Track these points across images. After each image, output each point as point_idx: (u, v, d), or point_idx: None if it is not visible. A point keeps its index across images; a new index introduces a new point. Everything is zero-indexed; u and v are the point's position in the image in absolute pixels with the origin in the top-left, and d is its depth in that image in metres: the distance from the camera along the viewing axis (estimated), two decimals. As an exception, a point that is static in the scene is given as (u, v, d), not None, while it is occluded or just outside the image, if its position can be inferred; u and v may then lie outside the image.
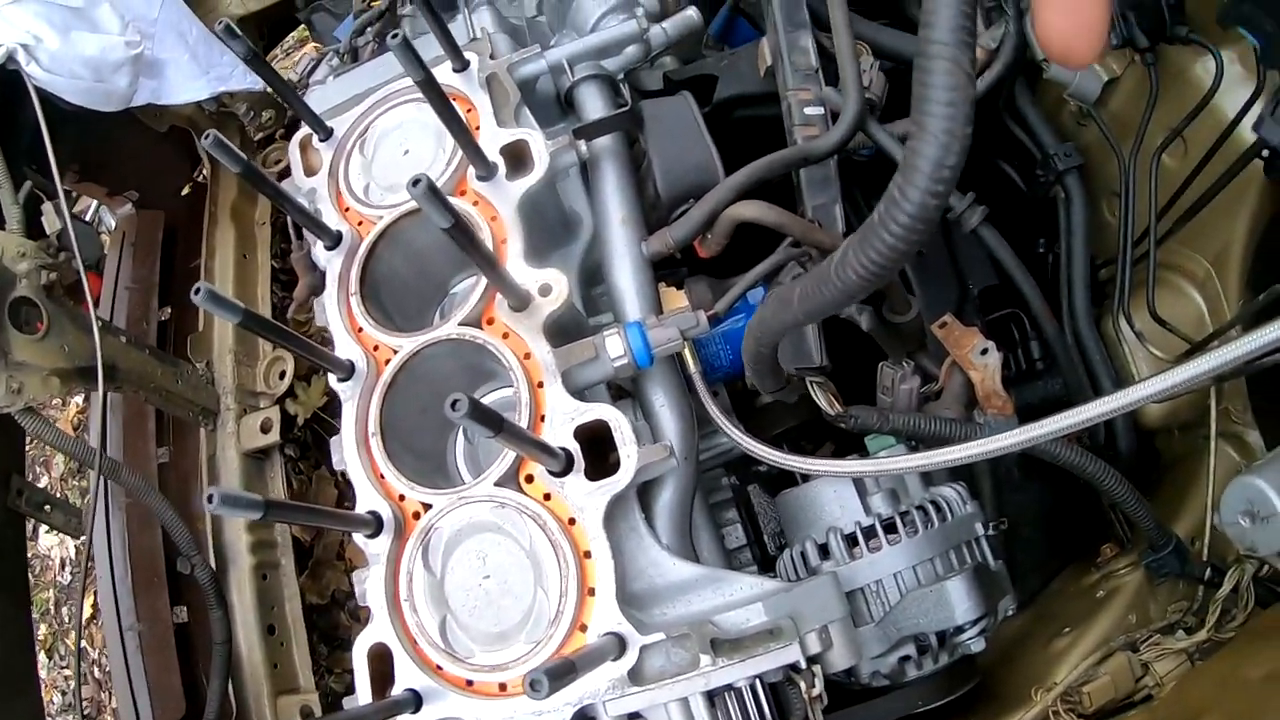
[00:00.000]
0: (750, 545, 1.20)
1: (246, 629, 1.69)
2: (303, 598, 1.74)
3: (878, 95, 1.15)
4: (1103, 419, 0.74)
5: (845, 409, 1.00)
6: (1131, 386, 0.72)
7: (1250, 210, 1.21)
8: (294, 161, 1.26)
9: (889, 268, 0.55)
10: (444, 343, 1.03)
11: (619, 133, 1.10)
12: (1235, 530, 0.87)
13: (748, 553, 1.20)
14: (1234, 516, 0.86)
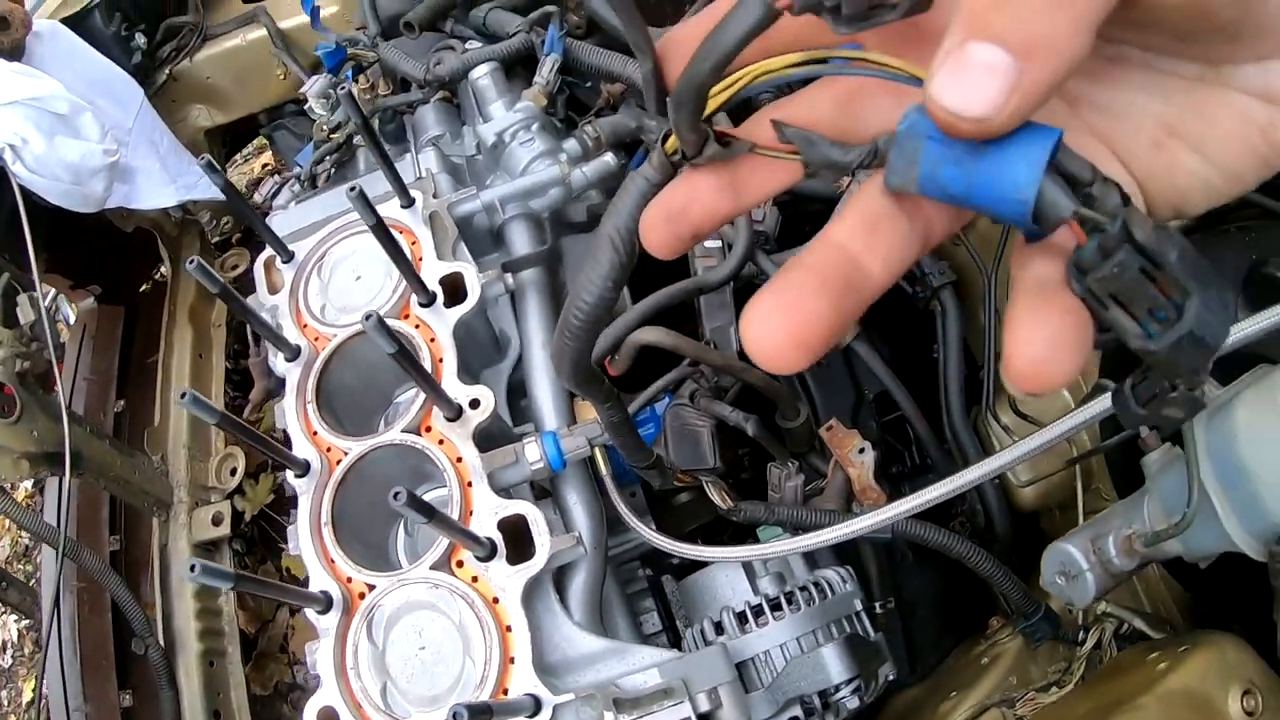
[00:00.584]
0: (665, 630, 1.42)
1: (193, 713, 1.87)
2: (247, 687, 1.94)
3: (770, 228, 1.43)
4: (936, 500, 0.99)
5: (736, 504, 1.26)
6: (965, 470, 0.98)
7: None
8: (259, 280, 1.51)
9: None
10: (388, 447, 1.28)
11: (541, 266, 1.37)
12: (1054, 589, 1.11)
13: (663, 637, 1.41)
14: (1051, 577, 1.10)
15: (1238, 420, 0.87)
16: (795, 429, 1.36)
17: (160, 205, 2.06)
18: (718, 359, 1.25)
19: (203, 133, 2.28)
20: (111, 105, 2.01)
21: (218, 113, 2.27)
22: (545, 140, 1.47)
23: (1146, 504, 1.02)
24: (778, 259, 1.42)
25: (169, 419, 2.10)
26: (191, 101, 2.26)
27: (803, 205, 1.58)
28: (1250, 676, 1.01)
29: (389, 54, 1.68)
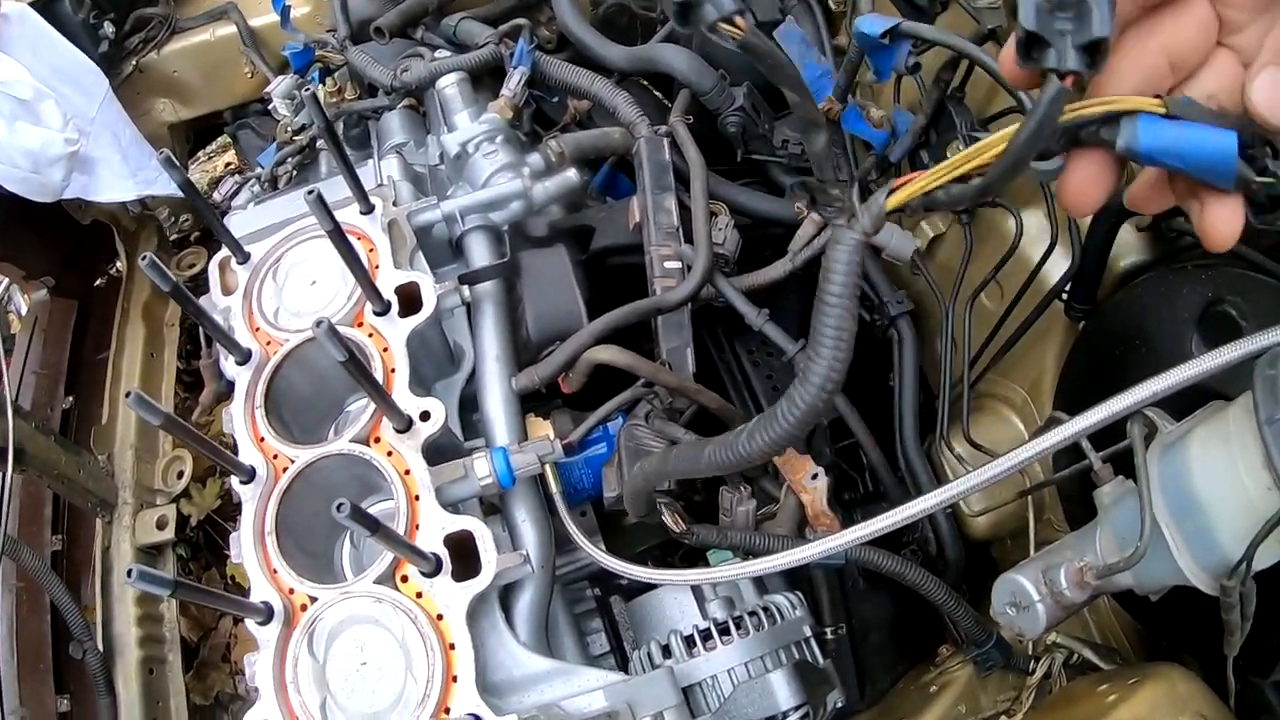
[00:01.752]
0: (613, 651, 1.40)
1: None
2: (187, 696, 1.90)
3: (730, 251, 1.43)
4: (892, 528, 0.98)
5: (689, 527, 1.25)
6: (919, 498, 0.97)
7: (1056, 343, 1.51)
8: (213, 281, 1.48)
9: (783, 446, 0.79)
10: (335, 456, 1.26)
11: (499, 279, 1.36)
12: (1005, 619, 1.10)
13: (610, 659, 1.39)
14: (1002, 608, 1.10)
15: (1191, 454, 0.88)
16: (748, 452, 1.35)
17: (119, 198, 2.02)
18: (673, 380, 1.24)
19: (166, 127, 2.24)
20: (75, 93, 1.97)
21: (182, 108, 2.23)
22: (509, 153, 1.46)
23: (1099, 536, 1.02)
24: (736, 282, 1.42)
25: (117, 418, 2.05)
26: (156, 95, 2.22)
27: (763, 229, 1.58)
28: (1199, 709, 1.03)
29: (357, 58, 1.67)
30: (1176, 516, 0.90)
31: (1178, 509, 0.89)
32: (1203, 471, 0.86)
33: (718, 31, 1.12)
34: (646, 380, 1.26)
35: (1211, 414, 0.89)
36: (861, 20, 1.28)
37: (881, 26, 1.25)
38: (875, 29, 1.25)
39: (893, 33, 1.25)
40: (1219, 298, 1.11)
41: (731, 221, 1.46)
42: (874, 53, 1.30)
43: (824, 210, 0.95)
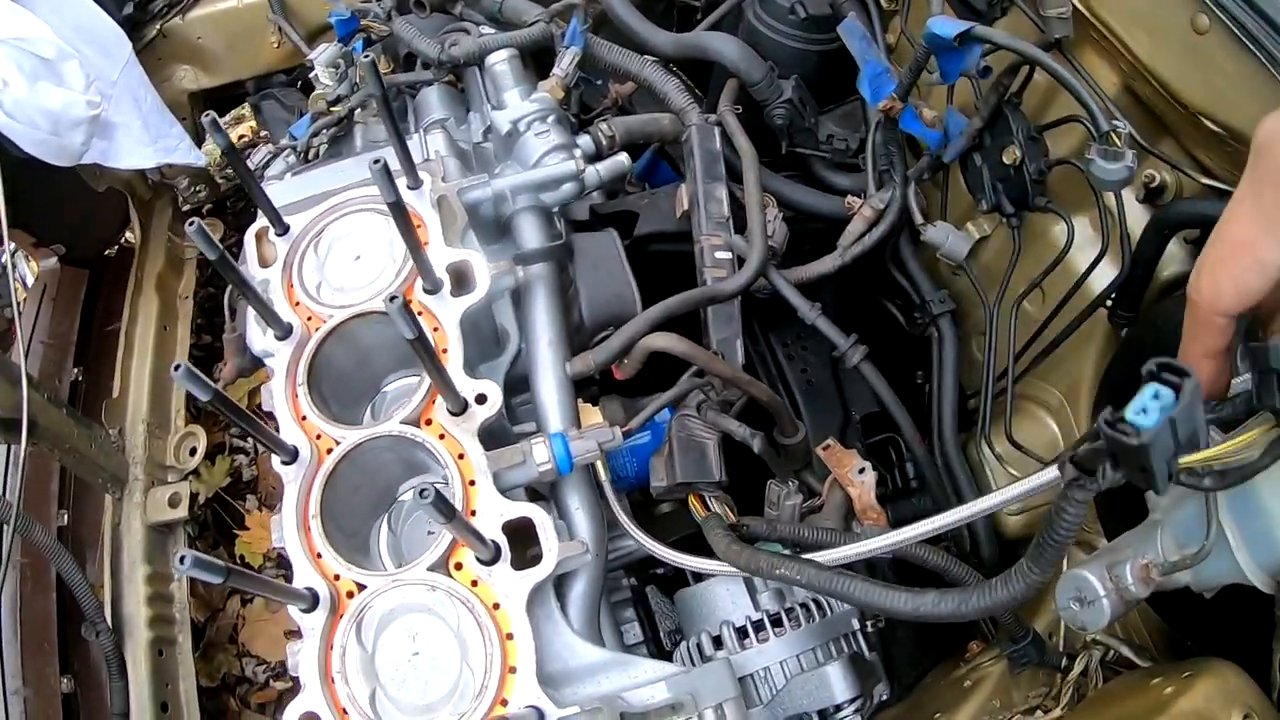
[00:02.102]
0: (647, 641, 1.40)
1: (140, 704, 1.78)
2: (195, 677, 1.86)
3: (779, 243, 1.41)
4: (952, 526, 0.99)
5: (739, 520, 1.24)
6: (969, 503, 0.99)
7: (1097, 350, 1.51)
8: (249, 252, 1.44)
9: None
10: (386, 438, 1.23)
11: (551, 261, 1.33)
12: (1068, 614, 1.10)
13: (644, 648, 1.39)
14: (1066, 602, 1.10)
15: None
16: (793, 446, 1.34)
17: (138, 166, 1.97)
18: (727, 371, 1.23)
19: (187, 95, 2.19)
20: (97, 56, 1.91)
21: (204, 76, 2.18)
22: (561, 134, 1.43)
23: (1160, 535, 1.03)
24: (787, 274, 1.40)
25: (129, 391, 2.01)
26: (179, 61, 2.17)
27: (805, 223, 1.56)
28: (1249, 702, 1.06)
29: (404, 29, 1.63)
30: (1239, 518, 0.93)
31: (1241, 512, 0.92)
32: (1268, 476, 0.86)
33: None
34: (698, 370, 1.24)
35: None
36: (934, 21, 1.26)
37: (954, 29, 1.24)
38: (948, 31, 1.24)
39: (965, 35, 1.24)
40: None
41: (780, 214, 1.44)
42: (942, 55, 1.29)
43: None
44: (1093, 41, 1.44)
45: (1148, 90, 1.35)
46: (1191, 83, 1.27)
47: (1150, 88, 1.33)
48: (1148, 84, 1.33)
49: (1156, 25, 1.33)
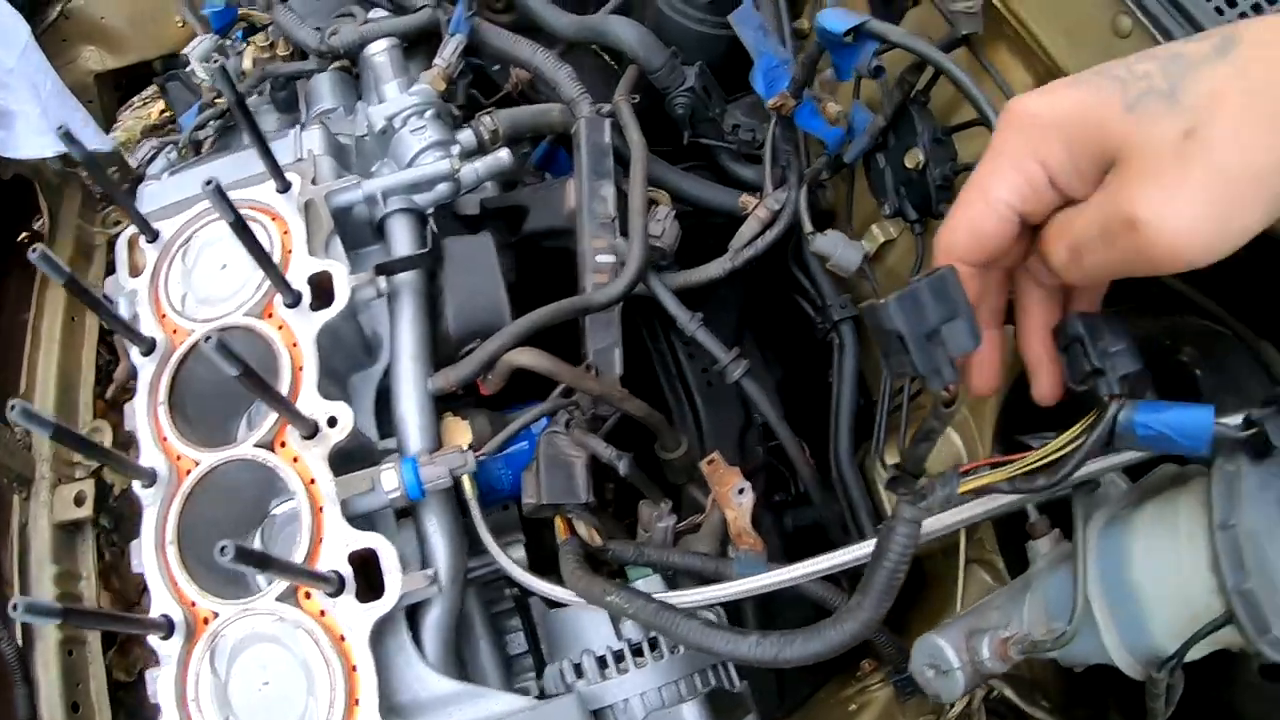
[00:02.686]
0: (531, 651, 1.38)
1: (50, 706, 1.78)
2: (109, 674, 1.87)
3: (669, 244, 1.37)
4: (838, 569, 0.97)
5: (604, 543, 1.22)
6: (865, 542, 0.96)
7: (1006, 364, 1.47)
8: (119, 260, 1.42)
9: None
10: (238, 462, 1.21)
11: (420, 269, 1.30)
12: (922, 679, 1.07)
13: (528, 659, 1.38)
14: (920, 667, 1.08)
15: (1135, 539, 0.85)
16: (674, 460, 1.32)
17: (39, 155, 1.93)
18: (595, 388, 1.20)
19: (93, 76, 2.14)
20: (-8, 41, 1.88)
21: (110, 56, 2.14)
22: (438, 130, 1.39)
23: (1028, 602, 0.98)
24: (672, 279, 1.37)
25: (35, 386, 1.99)
26: (82, 42, 2.12)
27: (706, 218, 1.52)
28: None
29: (283, 17, 1.58)
30: (1111, 601, 0.87)
31: (1113, 593, 0.87)
32: (1144, 560, 0.84)
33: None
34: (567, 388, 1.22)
35: (1162, 491, 0.87)
36: (823, 15, 1.21)
37: (846, 24, 1.18)
38: (838, 26, 1.18)
39: (857, 31, 1.19)
40: (1176, 347, 1.07)
41: (672, 212, 1.40)
42: (836, 50, 1.23)
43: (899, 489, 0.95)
44: (1007, 39, 1.38)
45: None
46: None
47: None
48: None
49: (1075, 25, 1.26)
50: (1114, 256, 0.65)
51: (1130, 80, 0.65)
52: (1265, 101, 0.60)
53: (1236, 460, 0.74)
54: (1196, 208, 0.60)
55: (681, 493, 1.39)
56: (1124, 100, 0.64)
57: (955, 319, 0.70)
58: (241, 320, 1.27)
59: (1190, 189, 0.60)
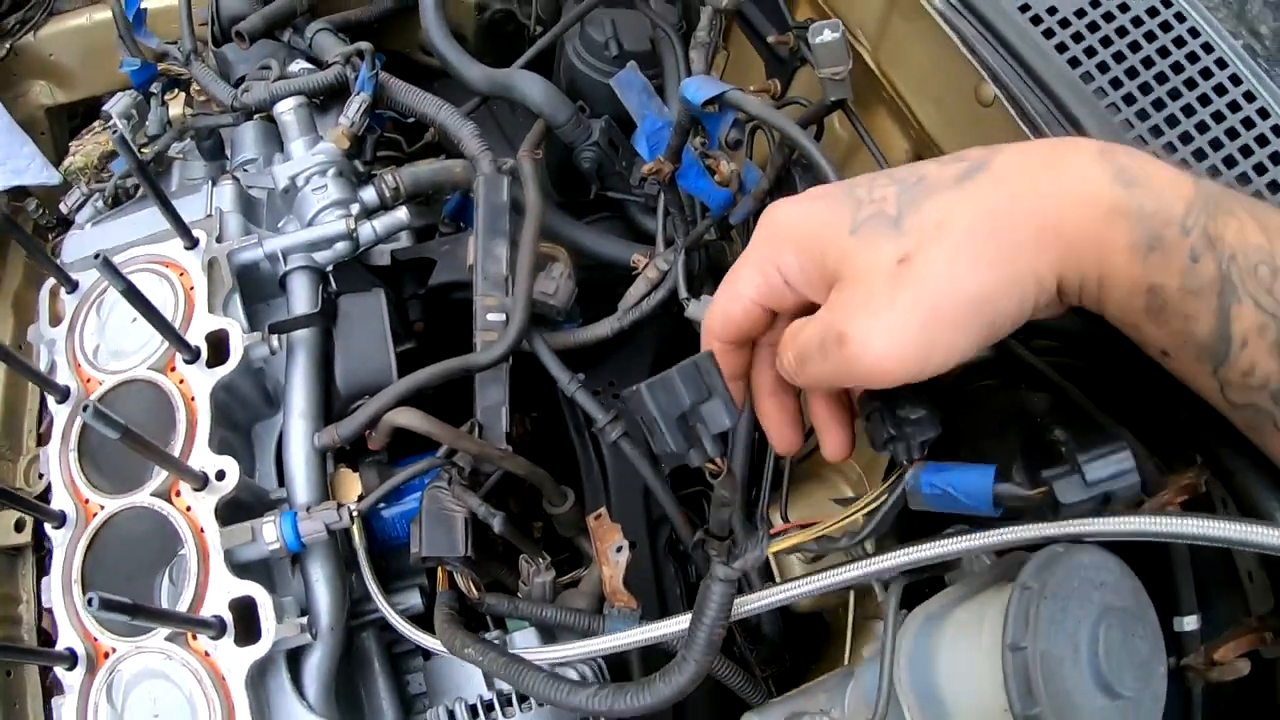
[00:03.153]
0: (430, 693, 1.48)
1: (-16, 726, 1.91)
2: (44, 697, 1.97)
3: (562, 303, 1.45)
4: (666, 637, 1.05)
5: (481, 595, 1.31)
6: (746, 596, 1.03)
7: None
8: (42, 309, 1.52)
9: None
10: (139, 509, 1.31)
11: (314, 327, 1.39)
12: None
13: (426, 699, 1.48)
14: None
15: (943, 639, 0.85)
16: (561, 515, 1.40)
17: (-14, 187, 2.04)
18: (474, 448, 1.28)
19: (44, 110, 2.24)
20: (-59, 77, 1.98)
21: (60, 91, 2.23)
22: (340, 189, 1.48)
23: (850, 689, 1.00)
24: (558, 339, 1.45)
25: (-23, 413, 2.10)
26: (33, 77, 2.21)
27: (604, 271, 1.60)
28: None
29: (200, 74, 1.68)
30: (919, 699, 0.85)
31: (921, 692, 0.85)
32: (949, 663, 0.83)
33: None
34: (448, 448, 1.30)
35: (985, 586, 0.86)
36: (687, 84, 1.27)
37: (706, 93, 1.25)
38: (698, 96, 1.26)
39: (718, 101, 1.26)
40: (1049, 427, 1.11)
41: (569, 270, 1.49)
42: (706, 118, 1.31)
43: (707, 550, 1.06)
44: (885, 103, 1.46)
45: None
46: (975, 158, 1.29)
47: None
48: (934, 155, 1.35)
49: (942, 93, 1.33)
50: (828, 368, 0.71)
51: (865, 201, 0.71)
52: (986, 234, 0.65)
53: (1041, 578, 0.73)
54: (900, 333, 0.66)
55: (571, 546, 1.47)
56: (852, 222, 0.70)
57: (711, 399, 0.75)
58: (145, 374, 1.37)
59: (896, 314, 0.66)
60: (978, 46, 1.25)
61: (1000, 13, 1.24)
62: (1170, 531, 0.73)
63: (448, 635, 1.19)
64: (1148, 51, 1.20)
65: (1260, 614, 0.89)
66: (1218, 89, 1.17)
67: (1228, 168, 1.13)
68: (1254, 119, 1.15)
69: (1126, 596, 0.76)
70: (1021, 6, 1.24)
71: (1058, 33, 1.22)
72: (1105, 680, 0.70)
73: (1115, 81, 1.20)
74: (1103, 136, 1.12)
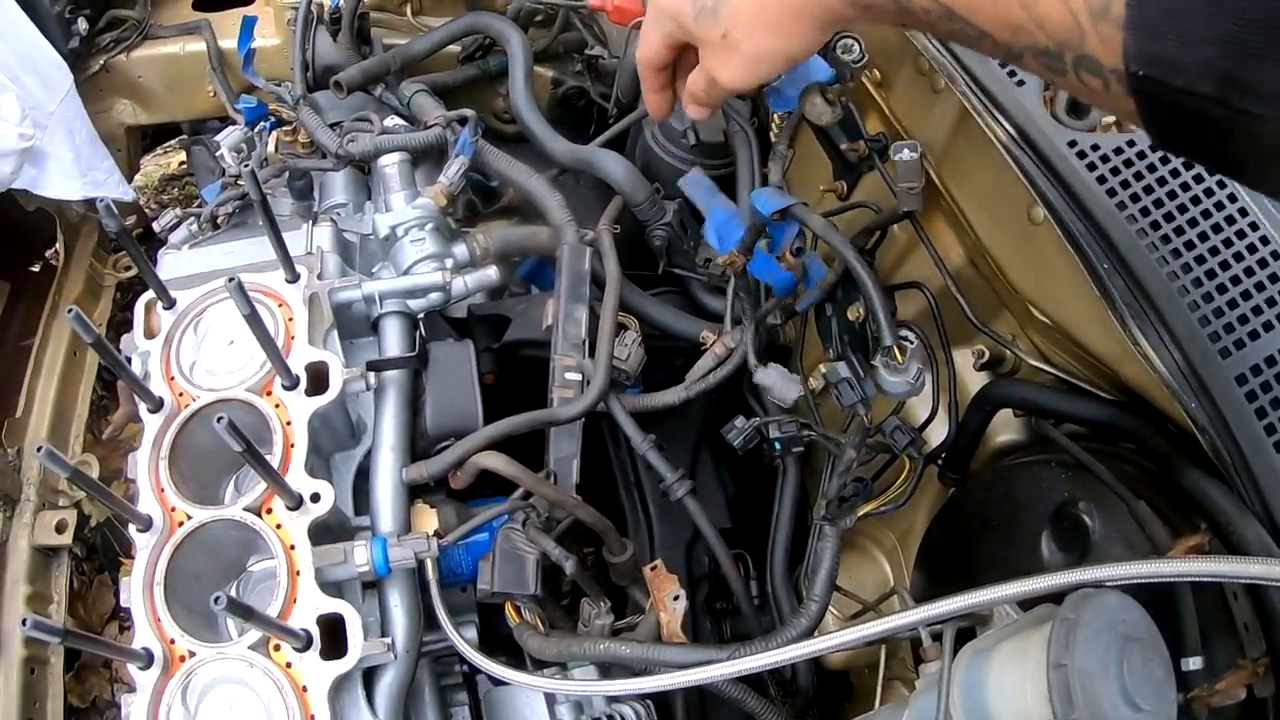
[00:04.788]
0: (475, 727, 1.57)
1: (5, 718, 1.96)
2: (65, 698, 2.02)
3: (633, 368, 1.57)
4: (757, 670, 1.16)
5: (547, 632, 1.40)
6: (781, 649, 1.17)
7: (929, 502, 1.65)
8: (137, 321, 1.61)
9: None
10: (228, 521, 1.40)
11: (405, 369, 1.50)
12: None
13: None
14: None
15: (991, 668, 1.00)
16: (619, 564, 1.51)
17: (65, 197, 2.12)
18: (551, 495, 1.39)
19: (124, 128, 2.35)
20: (37, 85, 2.05)
21: (142, 112, 2.35)
22: (435, 243, 1.60)
23: (905, 717, 1.14)
24: (630, 402, 1.57)
25: (31, 412, 2.16)
26: (119, 95, 2.33)
27: (674, 341, 1.73)
28: None
29: (308, 119, 1.80)
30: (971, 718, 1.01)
31: (973, 713, 1.01)
32: (997, 689, 0.98)
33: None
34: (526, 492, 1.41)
35: (1024, 627, 1.01)
36: (756, 194, 1.39)
37: (775, 206, 1.38)
38: (768, 207, 1.38)
39: (784, 213, 1.40)
40: (1074, 499, 1.24)
41: (639, 338, 1.61)
42: (769, 225, 1.44)
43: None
44: (942, 210, 1.61)
45: (987, 269, 1.49)
46: (1023, 270, 1.42)
47: (989, 267, 1.48)
48: (987, 263, 1.48)
49: (998, 208, 1.47)
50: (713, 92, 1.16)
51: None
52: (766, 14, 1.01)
53: (1078, 611, 0.93)
54: (737, 71, 1.07)
55: (626, 594, 1.58)
56: (692, 13, 1.06)
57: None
58: (243, 395, 1.47)
59: (733, 64, 1.07)
60: (1033, 175, 1.40)
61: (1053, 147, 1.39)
62: (1175, 571, 0.97)
63: (556, 645, 1.32)
64: (1172, 186, 1.35)
65: (1254, 656, 1.08)
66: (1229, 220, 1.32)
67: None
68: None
69: (1144, 631, 0.96)
70: (1070, 142, 1.38)
71: (1099, 167, 1.37)
72: (1129, 695, 0.90)
73: (1144, 210, 1.36)
74: (1131, 255, 1.27)
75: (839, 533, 1.36)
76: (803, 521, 1.70)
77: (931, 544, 1.61)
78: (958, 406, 1.54)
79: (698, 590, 1.69)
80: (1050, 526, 1.31)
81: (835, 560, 1.34)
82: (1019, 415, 1.53)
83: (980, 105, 1.44)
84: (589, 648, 1.30)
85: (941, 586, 1.45)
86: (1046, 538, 1.31)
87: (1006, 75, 1.44)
